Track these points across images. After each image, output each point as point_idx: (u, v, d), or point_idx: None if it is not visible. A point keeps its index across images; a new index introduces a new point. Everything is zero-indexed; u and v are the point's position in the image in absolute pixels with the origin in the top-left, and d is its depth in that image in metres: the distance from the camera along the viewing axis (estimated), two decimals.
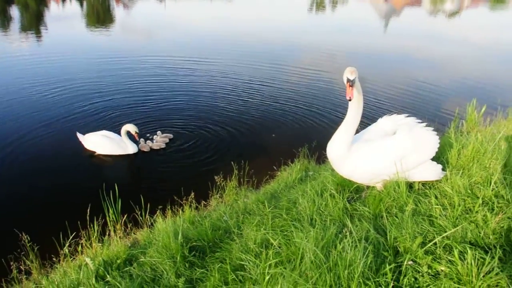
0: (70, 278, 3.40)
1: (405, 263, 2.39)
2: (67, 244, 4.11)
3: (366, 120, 3.82)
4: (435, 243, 2.55)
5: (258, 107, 10.31)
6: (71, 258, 4.00)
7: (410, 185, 3.47)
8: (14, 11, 28.52)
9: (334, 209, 3.38)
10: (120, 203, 4.51)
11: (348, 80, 3.16)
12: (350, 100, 3.20)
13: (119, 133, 8.00)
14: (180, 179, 6.75)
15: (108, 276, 3.20)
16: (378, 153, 3.47)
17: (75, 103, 10.14)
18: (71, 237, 4.18)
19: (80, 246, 4.19)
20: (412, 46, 20.69)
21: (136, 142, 8.14)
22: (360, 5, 48.33)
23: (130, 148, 7.99)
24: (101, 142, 7.90)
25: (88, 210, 4.68)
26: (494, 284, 2.15)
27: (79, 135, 7.92)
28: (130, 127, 7.91)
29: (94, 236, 4.17)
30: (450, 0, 50.92)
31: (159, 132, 8.52)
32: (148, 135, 8.49)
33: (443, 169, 3.56)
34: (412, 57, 18.11)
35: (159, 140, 8.23)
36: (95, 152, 7.92)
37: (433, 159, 3.56)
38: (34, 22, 24.66)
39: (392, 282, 2.27)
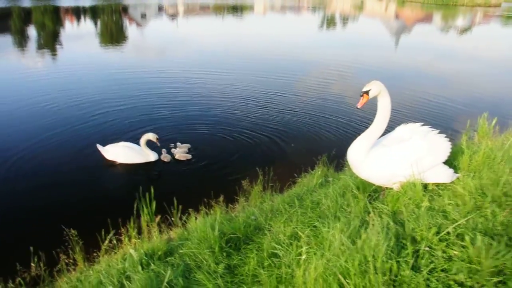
0: (117, 267, 3.77)
1: (422, 248, 2.73)
2: (107, 240, 4.54)
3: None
4: (448, 232, 2.88)
5: (275, 118, 10.69)
6: (113, 252, 4.40)
7: (425, 186, 3.80)
8: (32, 31, 29.57)
9: (356, 207, 3.72)
10: (154, 204, 4.90)
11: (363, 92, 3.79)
12: (357, 108, 3.89)
13: (137, 144, 8.38)
14: (204, 185, 7.13)
15: (152, 264, 3.57)
16: (395, 156, 3.82)
17: (93, 117, 10.55)
18: (110, 234, 4.61)
19: (120, 242, 4.58)
20: (424, 61, 21.03)
21: (157, 151, 8.51)
22: (371, 22, 48.93)
23: (151, 156, 8.36)
24: (122, 152, 8.23)
25: (122, 212, 5.13)
26: (501, 264, 2.47)
27: (99, 147, 8.23)
28: (150, 136, 8.29)
29: (133, 234, 4.56)
30: (461, 17, 51.35)
31: (178, 143, 8.82)
32: (171, 145, 8.83)
33: (455, 172, 3.89)
34: (424, 72, 18.42)
35: (180, 152, 8.47)
36: (116, 162, 8.23)
37: (446, 164, 3.90)
38: (51, 40, 25.53)
39: (411, 263, 2.60)
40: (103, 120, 10.36)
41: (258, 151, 8.65)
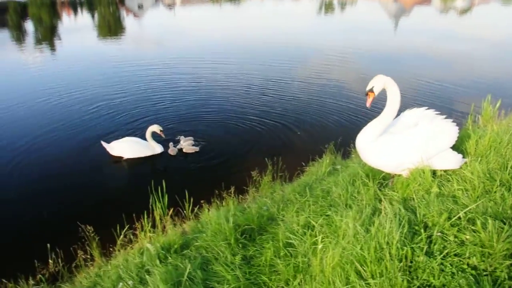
0: (134, 262, 3.87)
1: (435, 233, 2.80)
2: (122, 234, 4.64)
3: None
4: (459, 217, 2.95)
5: (278, 106, 10.77)
6: (129, 246, 4.50)
7: (433, 172, 3.87)
8: (29, 25, 29.46)
9: (367, 194, 3.79)
10: (167, 198, 4.98)
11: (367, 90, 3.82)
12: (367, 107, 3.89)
13: (140, 138, 8.44)
14: (213, 176, 7.22)
15: (169, 258, 3.66)
16: (403, 143, 3.87)
17: (93, 112, 10.62)
18: (125, 229, 4.71)
19: (135, 236, 4.68)
20: (424, 44, 20.97)
21: (162, 143, 8.55)
22: (369, 5, 48.58)
23: (157, 149, 8.42)
24: (128, 147, 8.28)
25: (135, 207, 5.24)
26: None
27: (104, 144, 8.25)
28: (155, 127, 8.35)
29: (147, 228, 4.65)
30: None
31: (181, 137, 8.81)
32: (176, 138, 8.86)
33: (463, 157, 3.95)
34: (424, 55, 18.40)
35: (187, 145, 8.50)
36: (122, 157, 8.28)
37: (453, 149, 3.96)
38: (48, 34, 25.51)
39: (425, 249, 2.68)
40: (104, 115, 10.40)
41: (264, 141, 8.71)
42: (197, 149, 8.45)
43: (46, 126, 9.65)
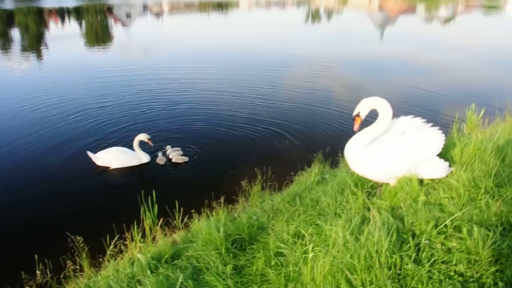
0: (125, 272, 3.86)
1: (423, 241, 2.87)
2: (112, 245, 4.61)
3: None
4: (446, 225, 3.02)
5: (267, 115, 10.77)
6: (119, 257, 4.48)
7: (420, 180, 3.95)
8: (15, 33, 29.20)
9: (355, 203, 3.85)
10: (156, 208, 4.98)
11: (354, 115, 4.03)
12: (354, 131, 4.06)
13: (126, 147, 8.38)
14: (202, 186, 7.18)
15: (160, 268, 3.66)
16: (390, 151, 3.95)
17: (79, 121, 10.47)
18: (115, 239, 4.68)
19: (125, 247, 4.66)
20: (409, 53, 21.33)
21: (150, 153, 8.50)
22: (355, 15, 49.27)
23: (144, 158, 8.34)
24: (114, 157, 8.18)
25: (124, 217, 5.24)
26: (497, 253, 2.62)
27: (89, 154, 8.13)
28: (143, 136, 8.28)
29: (137, 239, 4.64)
30: (444, 7, 51.94)
31: (168, 146, 8.67)
32: (164, 149, 8.71)
33: (449, 166, 4.04)
34: (409, 63, 18.70)
35: (176, 155, 8.40)
36: (108, 168, 8.17)
37: (439, 157, 4.04)
38: (35, 42, 25.31)
39: (413, 257, 2.74)
40: (90, 124, 10.27)
41: (253, 150, 8.71)
42: (186, 159, 8.39)
43: (31, 135, 9.52)
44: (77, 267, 4.55)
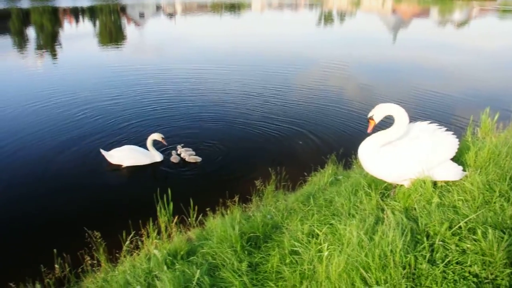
0: (141, 268, 3.95)
1: (437, 242, 2.90)
2: (128, 241, 4.71)
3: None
4: (460, 227, 3.06)
5: (280, 116, 10.85)
6: (136, 253, 4.58)
7: (434, 183, 3.97)
8: (31, 32, 29.64)
9: (369, 204, 3.89)
10: (172, 205, 5.06)
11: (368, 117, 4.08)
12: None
13: (140, 146, 8.47)
14: (216, 185, 7.28)
15: (176, 264, 3.74)
16: (404, 154, 3.99)
17: (93, 119, 10.63)
18: (131, 235, 4.78)
19: (141, 243, 4.75)
20: (422, 55, 21.22)
21: (163, 152, 8.61)
22: (368, 18, 49.06)
23: (157, 157, 8.45)
24: (128, 155, 8.29)
25: (140, 214, 5.33)
26: None
27: (103, 152, 8.24)
28: (156, 135, 8.39)
29: (153, 235, 4.73)
30: (458, 10, 51.47)
31: (179, 146, 8.74)
32: (176, 148, 8.80)
33: (463, 169, 4.06)
34: (423, 66, 18.62)
35: (189, 154, 8.47)
36: (121, 166, 8.28)
37: (453, 160, 4.07)
38: (49, 41, 25.65)
39: (428, 257, 2.78)
40: (104, 123, 10.42)
41: (266, 150, 8.78)
42: (199, 159, 8.44)
43: (43, 130, 9.75)
44: (95, 261, 4.65)
